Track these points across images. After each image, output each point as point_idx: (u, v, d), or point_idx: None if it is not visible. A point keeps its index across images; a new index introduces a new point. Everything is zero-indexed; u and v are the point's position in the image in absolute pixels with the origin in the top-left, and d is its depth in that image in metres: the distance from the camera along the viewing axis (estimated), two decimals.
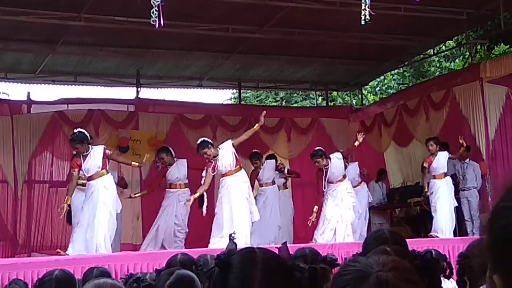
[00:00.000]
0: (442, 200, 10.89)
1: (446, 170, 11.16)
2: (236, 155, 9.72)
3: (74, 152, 9.40)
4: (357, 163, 12.99)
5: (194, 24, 11.81)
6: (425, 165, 11.16)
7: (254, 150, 12.25)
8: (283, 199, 12.54)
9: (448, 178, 11.14)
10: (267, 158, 12.70)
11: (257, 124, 9.97)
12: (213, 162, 9.54)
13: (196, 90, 16.19)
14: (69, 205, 9.33)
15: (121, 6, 10.97)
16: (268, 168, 12.13)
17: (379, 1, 9.05)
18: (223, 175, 9.69)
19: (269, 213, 11.63)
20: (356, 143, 11.10)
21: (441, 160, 11.04)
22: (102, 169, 9.01)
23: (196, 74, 15.20)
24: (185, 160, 11.15)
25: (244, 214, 9.41)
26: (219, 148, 9.65)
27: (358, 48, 13.77)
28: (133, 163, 9.98)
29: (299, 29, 12.56)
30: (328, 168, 10.64)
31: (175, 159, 11.17)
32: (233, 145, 9.68)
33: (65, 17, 11.12)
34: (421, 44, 14.15)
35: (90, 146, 9.08)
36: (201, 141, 9.74)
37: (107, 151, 9.16)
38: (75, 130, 9.25)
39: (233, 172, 9.62)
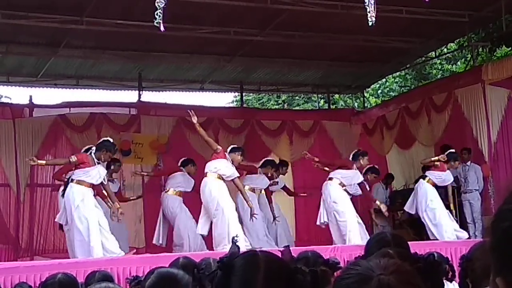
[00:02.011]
0: (437, 204, 10.81)
1: None
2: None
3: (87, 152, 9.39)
4: None
5: (195, 27, 11.81)
6: (437, 163, 10.96)
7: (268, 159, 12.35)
8: (265, 208, 12.42)
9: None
10: (282, 163, 12.67)
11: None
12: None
13: (198, 93, 16.19)
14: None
15: (122, 9, 10.99)
16: (264, 179, 12.04)
17: (381, 4, 9.03)
18: (207, 174, 9.85)
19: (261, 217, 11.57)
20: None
21: (450, 177, 11.01)
22: (92, 185, 9.08)
23: (198, 77, 15.21)
24: (193, 180, 11.21)
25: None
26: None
27: (359, 50, 13.76)
28: (116, 204, 9.57)
29: (300, 32, 12.56)
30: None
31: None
32: (235, 178, 10.04)
33: (67, 20, 11.13)
34: (422, 46, 14.14)
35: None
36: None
37: (105, 180, 9.26)
38: (112, 142, 9.51)
39: (219, 178, 9.83)
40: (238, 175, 10.04)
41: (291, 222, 14.06)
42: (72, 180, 9.00)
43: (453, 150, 11.28)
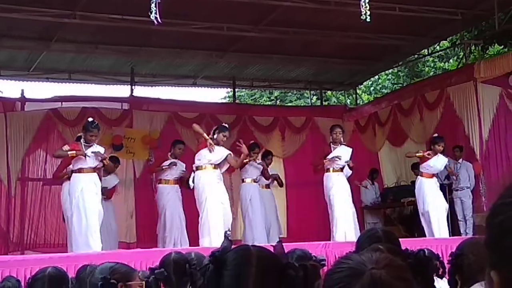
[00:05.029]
0: (433, 200, 10.76)
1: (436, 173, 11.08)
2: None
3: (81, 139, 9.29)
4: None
5: (189, 22, 11.80)
6: (419, 154, 10.86)
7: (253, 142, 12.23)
8: (268, 198, 12.41)
9: (435, 179, 11.06)
10: (266, 154, 12.60)
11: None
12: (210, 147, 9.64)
13: (191, 89, 16.19)
14: None
15: (116, 4, 10.95)
16: (256, 167, 12.01)
17: (374, 1, 9.05)
18: (198, 168, 9.77)
19: (256, 211, 11.54)
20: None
21: (440, 162, 10.92)
22: (95, 166, 9.08)
23: (190, 73, 15.19)
24: (184, 164, 11.09)
25: (216, 213, 9.50)
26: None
27: (352, 47, 13.77)
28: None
29: (294, 28, 12.57)
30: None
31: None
32: (227, 156, 9.83)
33: (60, 14, 11.10)
34: (415, 44, 14.17)
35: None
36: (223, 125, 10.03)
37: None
38: (93, 119, 9.42)
39: (210, 168, 9.72)
40: (229, 152, 9.98)
41: (282, 217, 14.07)
42: (73, 171, 9.08)
43: (435, 135, 11.24)
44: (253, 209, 11.42)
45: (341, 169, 10.63)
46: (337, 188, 10.40)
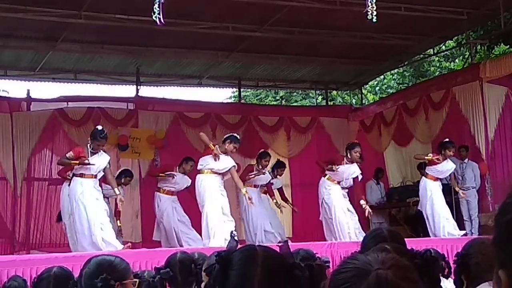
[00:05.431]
0: (438, 201, 10.81)
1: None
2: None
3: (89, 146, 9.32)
4: None
5: (194, 22, 11.80)
6: (428, 157, 10.93)
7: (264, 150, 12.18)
8: (267, 202, 12.30)
9: (439, 182, 11.05)
10: (279, 165, 12.59)
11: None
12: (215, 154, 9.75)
13: (196, 89, 16.19)
14: None
15: (121, 3, 10.96)
16: (266, 179, 11.87)
17: (380, 0, 9.04)
18: (200, 172, 9.95)
19: (253, 214, 11.47)
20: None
21: (447, 167, 10.94)
22: (96, 174, 9.17)
23: (196, 73, 15.20)
24: (190, 180, 11.11)
25: (216, 218, 9.62)
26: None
27: (358, 47, 13.76)
28: (116, 190, 9.46)
29: (299, 28, 12.56)
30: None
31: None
32: (230, 168, 9.94)
33: (65, 14, 11.11)
34: (421, 43, 14.14)
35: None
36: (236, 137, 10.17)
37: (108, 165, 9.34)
38: (102, 128, 9.44)
39: (211, 173, 9.85)
40: (234, 165, 10.03)
41: (288, 218, 14.06)
42: (74, 175, 9.17)
43: (446, 140, 11.22)
44: (251, 213, 11.39)
45: (338, 182, 10.75)
46: (330, 193, 10.60)
